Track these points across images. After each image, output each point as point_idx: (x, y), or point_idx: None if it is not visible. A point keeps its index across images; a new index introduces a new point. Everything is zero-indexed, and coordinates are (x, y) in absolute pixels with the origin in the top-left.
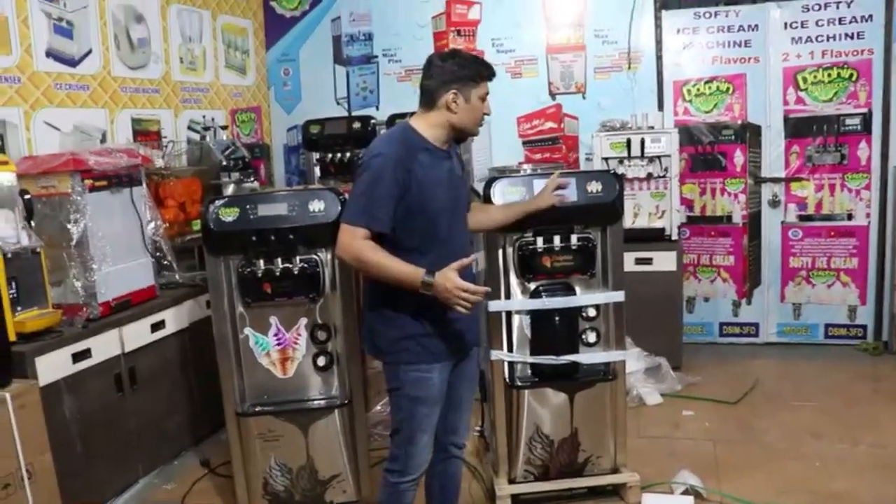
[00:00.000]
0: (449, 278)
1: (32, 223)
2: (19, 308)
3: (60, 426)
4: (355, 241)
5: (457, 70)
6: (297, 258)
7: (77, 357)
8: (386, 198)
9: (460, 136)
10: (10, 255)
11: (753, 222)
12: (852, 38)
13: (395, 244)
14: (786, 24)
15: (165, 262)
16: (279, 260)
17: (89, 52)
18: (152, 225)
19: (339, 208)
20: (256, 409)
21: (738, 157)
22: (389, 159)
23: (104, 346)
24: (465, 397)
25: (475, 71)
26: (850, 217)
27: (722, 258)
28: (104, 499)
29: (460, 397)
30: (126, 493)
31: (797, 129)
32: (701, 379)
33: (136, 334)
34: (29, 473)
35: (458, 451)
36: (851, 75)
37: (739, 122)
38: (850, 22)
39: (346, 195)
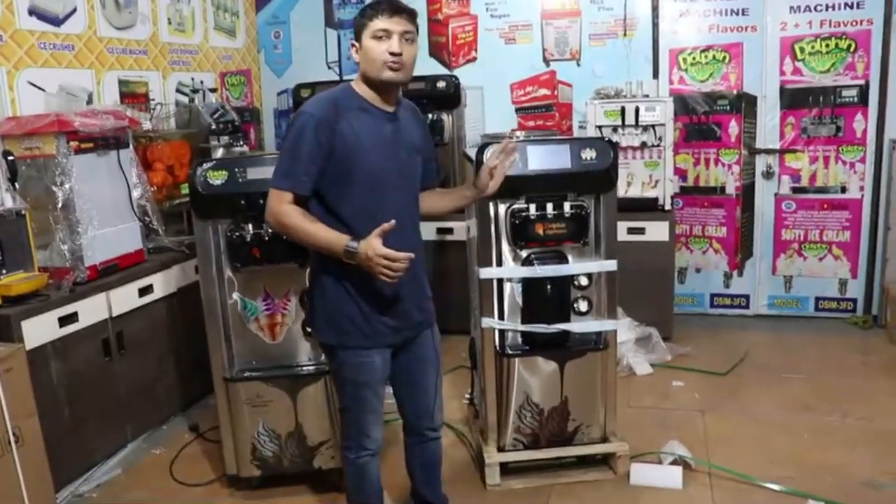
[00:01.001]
0: (371, 245)
1: (17, 185)
2: (4, 271)
3: (48, 390)
4: (280, 206)
5: (354, 23)
6: None
7: (64, 321)
8: (306, 158)
9: (378, 86)
10: None
11: (747, 193)
12: (852, 7)
13: (326, 212)
14: None
15: (153, 226)
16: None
17: (74, 10)
18: (140, 188)
19: None
20: (245, 375)
21: (733, 128)
22: (312, 118)
23: (91, 310)
24: (427, 380)
25: (362, 13)
26: (843, 190)
27: (714, 229)
28: (92, 462)
29: (422, 381)
30: (114, 457)
31: (793, 100)
32: (691, 350)
33: (124, 298)
34: (16, 437)
35: (433, 433)
36: (849, 46)
37: (735, 91)
38: None
39: None
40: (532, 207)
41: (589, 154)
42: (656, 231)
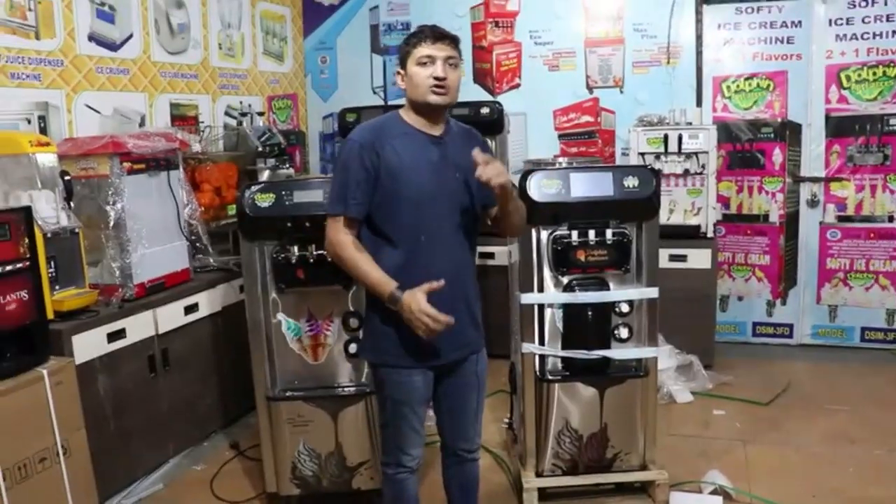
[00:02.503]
0: (416, 299)
1: (72, 204)
2: (57, 287)
3: (94, 404)
4: (338, 236)
5: (399, 51)
6: None
7: (112, 337)
8: (355, 182)
9: (424, 111)
10: (49, 235)
11: (791, 222)
12: None
13: (374, 234)
14: (830, 20)
15: (200, 246)
16: (313, 246)
17: (130, 36)
18: (188, 208)
19: None
20: (287, 394)
21: (777, 156)
22: (356, 143)
23: (139, 326)
24: (468, 405)
25: (406, 41)
26: (891, 219)
27: (757, 257)
28: (135, 477)
29: (463, 405)
30: (156, 471)
31: (839, 128)
32: (733, 378)
33: (170, 316)
34: (64, 449)
35: (470, 455)
36: None
37: (779, 119)
38: None
39: None
40: (574, 234)
41: (631, 182)
42: (698, 258)
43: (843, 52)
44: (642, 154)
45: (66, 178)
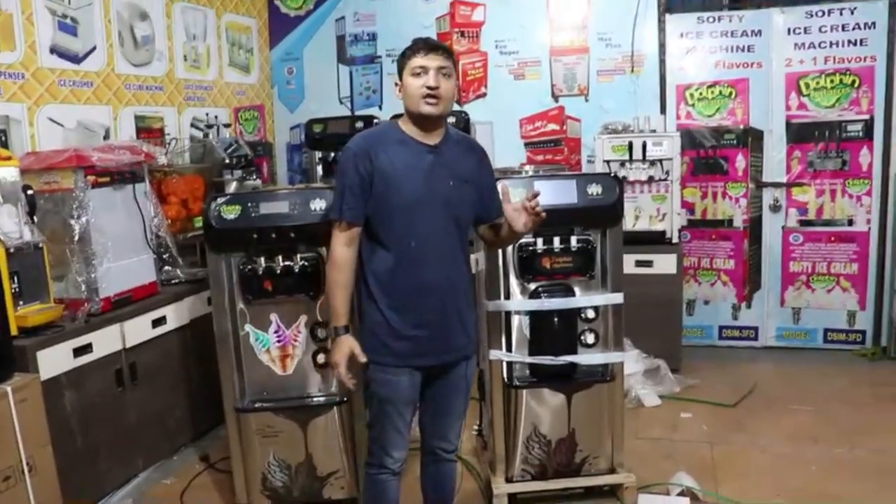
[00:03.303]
0: (343, 352)
1: (35, 218)
2: (21, 302)
3: (61, 420)
4: (336, 248)
5: (397, 64)
6: (298, 256)
7: (78, 352)
8: (349, 189)
9: (419, 120)
10: (12, 250)
11: (754, 226)
12: (855, 44)
13: (368, 237)
14: (789, 29)
15: (167, 258)
16: (280, 258)
17: (93, 49)
18: (154, 221)
19: None
20: (256, 406)
21: (740, 162)
22: (351, 152)
23: (105, 340)
24: (453, 407)
25: (402, 53)
26: (850, 223)
27: (722, 262)
28: (103, 492)
29: (449, 407)
30: (125, 486)
31: (799, 134)
32: (699, 381)
33: (138, 330)
34: (29, 466)
35: (447, 455)
36: (854, 82)
37: (742, 126)
38: (854, 28)
39: None
40: (539, 241)
41: (595, 189)
42: (664, 264)
43: (802, 60)
44: (608, 161)
45: (29, 192)
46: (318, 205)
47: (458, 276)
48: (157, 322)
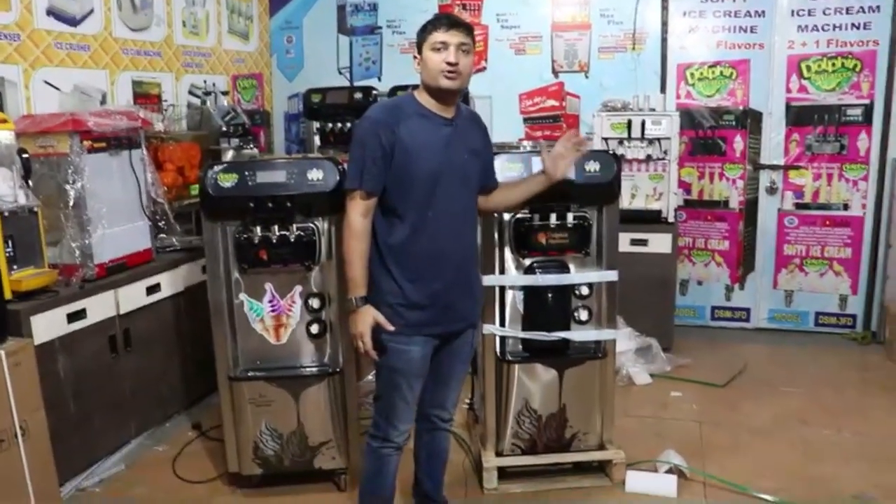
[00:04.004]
0: (366, 321)
1: (30, 182)
2: (15, 267)
3: (54, 385)
4: (353, 217)
5: (417, 37)
6: (294, 226)
7: (72, 317)
8: (371, 159)
9: (437, 94)
10: (6, 214)
11: (750, 208)
12: (859, 28)
13: (383, 207)
14: (793, 11)
15: (163, 226)
16: (276, 227)
17: (91, 11)
18: (150, 188)
19: (338, 178)
20: (249, 374)
21: (738, 143)
22: (372, 121)
23: (99, 307)
24: (454, 375)
25: (423, 28)
26: (846, 207)
27: (717, 242)
28: (95, 457)
29: (449, 374)
30: (118, 452)
31: (798, 117)
32: (691, 361)
33: (132, 296)
34: (22, 430)
35: (443, 423)
36: (855, 66)
37: (741, 107)
38: (858, 12)
39: (345, 165)
40: (535, 217)
41: (593, 166)
42: (659, 243)
43: (805, 42)
44: (606, 139)
45: (24, 155)
46: (316, 175)
47: (471, 245)
48: (152, 289)
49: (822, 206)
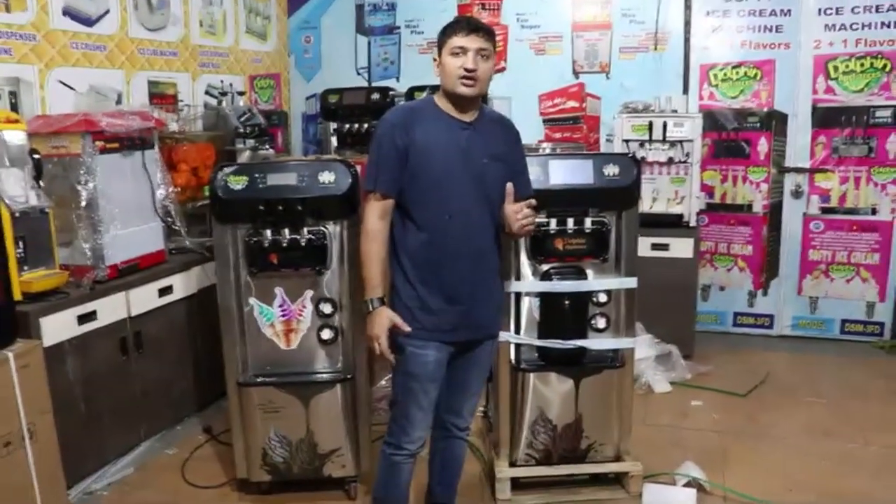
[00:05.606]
0: (382, 325)
1: (41, 183)
2: (26, 267)
3: (63, 387)
4: (370, 218)
5: (437, 40)
6: (305, 230)
7: (82, 319)
8: (385, 160)
9: (455, 99)
10: (18, 215)
11: (774, 212)
12: (889, 27)
13: (400, 211)
14: (820, 9)
15: (175, 227)
16: (287, 230)
17: (107, 12)
18: (163, 189)
19: (350, 181)
20: (258, 380)
21: (763, 145)
22: (389, 123)
23: (110, 308)
24: (472, 383)
25: (442, 31)
26: (874, 212)
27: (740, 247)
28: (105, 460)
29: (467, 382)
30: (127, 455)
31: (825, 119)
32: (712, 369)
33: (143, 298)
34: (30, 433)
35: (459, 432)
36: (885, 66)
37: (766, 109)
38: (888, 10)
39: (358, 167)
40: (552, 222)
41: (612, 170)
42: (680, 248)
43: (832, 42)
44: (627, 141)
45: (36, 156)
46: (327, 177)
47: (490, 253)
48: (164, 291)
49: (850, 210)
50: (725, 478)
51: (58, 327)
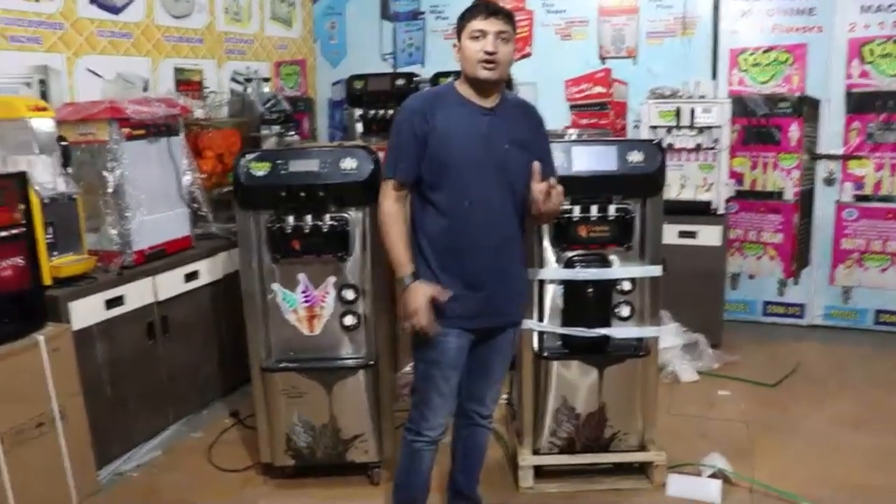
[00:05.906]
0: (419, 299)
1: (70, 169)
2: (55, 253)
3: (92, 371)
4: (385, 201)
5: (456, 25)
6: (327, 216)
7: (110, 303)
8: (405, 147)
9: (475, 83)
10: (47, 201)
11: (805, 200)
12: None
13: (421, 197)
14: None
15: (202, 213)
16: (309, 217)
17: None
18: (189, 175)
19: (372, 167)
20: (281, 366)
21: (794, 132)
22: (408, 110)
23: (138, 293)
24: (494, 370)
25: (461, 15)
26: None
27: (770, 235)
28: (133, 443)
29: (489, 369)
30: (155, 438)
31: (860, 104)
32: (740, 358)
33: (170, 283)
34: (61, 414)
35: (482, 420)
36: None
37: (797, 94)
38: None
39: (380, 154)
40: (576, 209)
41: (636, 157)
42: (708, 235)
43: (868, 24)
44: (654, 127)
45: (63, 143)
46: (349, 164)
47: (512, 240)
48: (190, 276)
49: (885, 198)
50: (752, 469)
51: (86, 312)
